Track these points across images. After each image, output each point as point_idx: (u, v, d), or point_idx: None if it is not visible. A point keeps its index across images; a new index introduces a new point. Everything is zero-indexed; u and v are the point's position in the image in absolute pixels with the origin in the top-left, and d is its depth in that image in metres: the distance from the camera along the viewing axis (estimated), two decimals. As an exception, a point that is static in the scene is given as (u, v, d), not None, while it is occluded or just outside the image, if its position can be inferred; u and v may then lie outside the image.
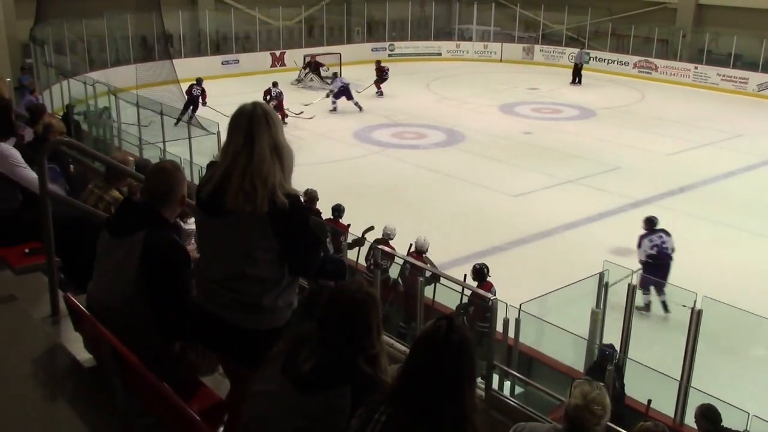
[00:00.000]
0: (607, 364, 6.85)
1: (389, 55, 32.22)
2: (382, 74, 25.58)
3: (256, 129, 2.85)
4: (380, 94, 25.47)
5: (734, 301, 8.68)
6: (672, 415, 7.41)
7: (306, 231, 2.95)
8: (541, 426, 3.49)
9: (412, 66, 31.18)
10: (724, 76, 28.26)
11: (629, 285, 7.85)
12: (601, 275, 8.21)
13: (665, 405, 7.54)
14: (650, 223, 10.97)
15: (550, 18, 34.04)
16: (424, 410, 2.24)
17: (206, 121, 16.08)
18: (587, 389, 3.30)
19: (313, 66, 27.14)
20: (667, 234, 10.99)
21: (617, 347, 7.82)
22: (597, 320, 8.03)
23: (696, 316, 7.34)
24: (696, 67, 29.16)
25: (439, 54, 33.06)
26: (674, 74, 29.50)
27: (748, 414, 5.93)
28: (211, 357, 3.40)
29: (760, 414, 6.09)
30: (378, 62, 26.37)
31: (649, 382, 7.63)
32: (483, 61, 33.17)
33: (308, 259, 3.01)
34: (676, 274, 10.44)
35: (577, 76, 28.48)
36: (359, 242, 10.14)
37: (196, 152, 14.59)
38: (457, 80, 28.35)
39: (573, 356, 8.39)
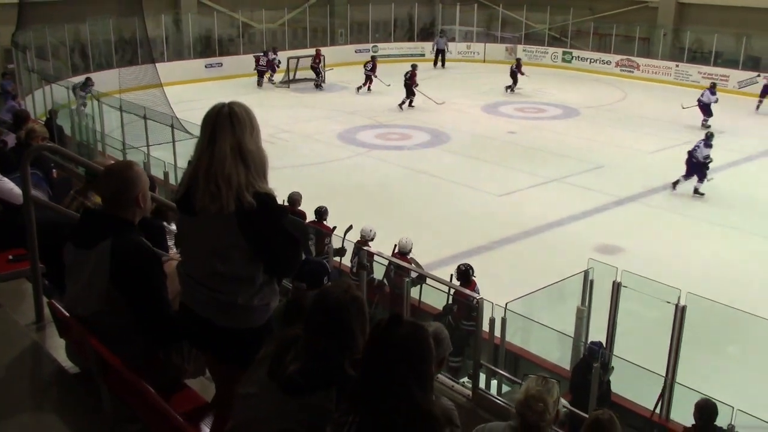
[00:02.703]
0: (593, 361, 6.89)
1: (372, 57, 32.25)
2: (373, 71, 26.25)
3: (219, 129, 2.85)
4: (368, 89, 26.32)
5: (717, 295, 8.76)
6: (658, 411, 7.46)
7: (278, 231, 2.94)
8: (497, 426, 3.54)
9: (396, 67, 31.21)
10: (705, 74, 28.44)
11: (614, 283, 7.90)
12: (586, 273, 8.26)
13: (651, 401, 7.60)
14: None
15: (532, 18, 34.19)
16: (384, 410, 2.26)
17: (189, 124, 16.03)
18: (531, 386, 3.36)
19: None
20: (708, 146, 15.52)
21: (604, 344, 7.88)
22: (582, 318, 8.07)
23: (680, 312, 7.40)
24: (677, 65, 29.39)
25: (423, 55, 33.10)
26: (656, 72, 29.70)
27: (733, 408, 5.98)
28: (197, 360, 3.40)
29: (744, 408, 6.15)
30: (373, 58, 26.92)
31: (635, 379, 7.70)
32: (466, 61, 33.27)
33: (284, 260, 3.02)
34: (659, 270, 10.51)
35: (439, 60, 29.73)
36: (341, 252, 10.16)
37: (180, 155, 14.54)
38: (440, 81, 28.40)
39: (559, 354, 8.43)
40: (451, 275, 8.76)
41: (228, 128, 2.85)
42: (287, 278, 3.62)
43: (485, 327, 6.97)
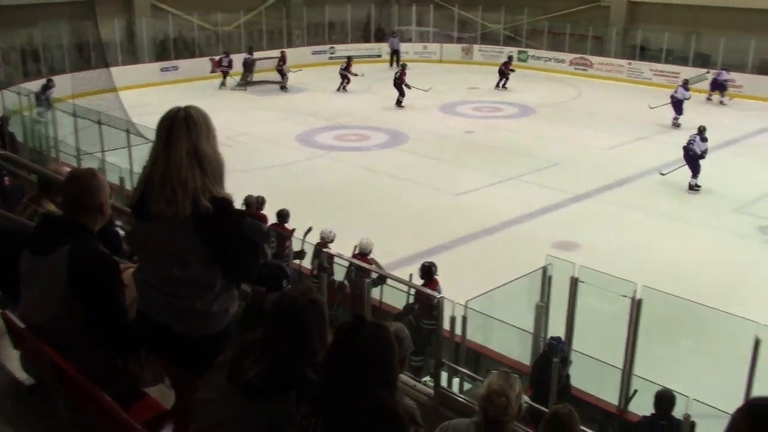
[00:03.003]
0: (552, 356, 6.98)
1: (330, 58, 32.23)
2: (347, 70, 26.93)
3: (175, 134, 2.84)
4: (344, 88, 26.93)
5: (673, 288, 8.95)
6: (616, 403, 7.59)
7: (236, 235, 2.94)
8: (461, 423, 3.59)
9: (354, 68, 31.24)
10: (656, 71, 29.05)
11: (571, 278, 8.01)
12: (545, 270, 8.36)
13: (610, 393, 7.73)
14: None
15: (487, 18, 34.49)
16: (348, 411, 2.28)
17: (145, 128, 15.84)
18: (493, 381, 3.41)
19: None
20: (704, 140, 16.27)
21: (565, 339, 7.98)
22: (541, 314, 8.18)
23: (636, 306, 7.54)
24: (630, 63, 29.92)
25: (379, 56, 33.19)
26: (609, 70, 30.17)
27: (688, 398, 6.12)
28: (156, 367, 3.38)
29: (699, 397, 6.29)
30: (349, 58, 27.14)
31: (594, 372, 7.83)
32: (423, 61, 33.37)
33: (242, 264, 3.02)
34: (615, 265, 10.68)
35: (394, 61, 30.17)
36: (301, 255, 10.13)
37: (137, 160, 14.36)
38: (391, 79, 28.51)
39: (520, 350, 8.53)
40: (410, 275, 8.79)
41: (184, 132, 2.84)
42: (246, 282, 3.62)
43: (446, 326, 7.03)
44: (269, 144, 19.67)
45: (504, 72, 27.78)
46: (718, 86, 25.79)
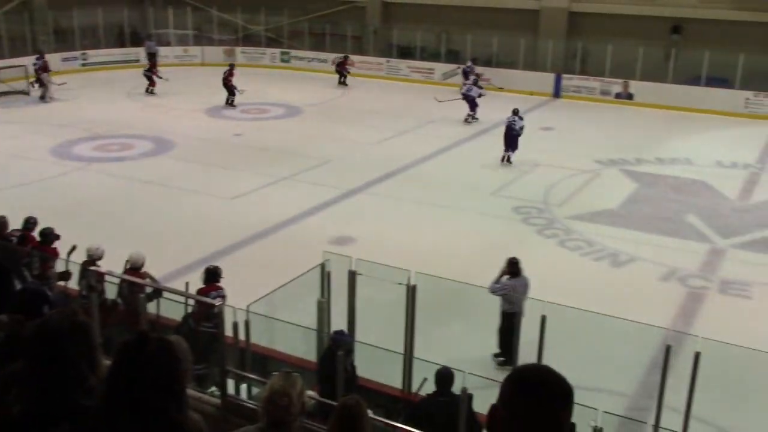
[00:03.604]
0: (337, 349, 7.09)
1: (82, 65, 30.32)
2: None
3: None
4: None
5: (444, 272, 9.49)
6: (400, 387, 7.89)
7: None
8: (246, 430, 3.56)
9: (110, 75, 29.72)
10: (413, 68, 30.63)
11: (349, 272, 8.20)
12: (323, 266, 8.48)
13: (395, 378, 8.03)
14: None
15: (248, 20, 34.30)
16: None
17: None
18: (275, 382, 3.43)
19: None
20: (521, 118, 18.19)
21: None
22: (324, 309, 8.29)
23: (411, 292, 7.88)
24: (388, 61, 31.23)
25: (137, 60, 31.74)
26: (370, 69, 31.28)
27: (464, 372, 6.49)
28: None
29: (475, 370, 6.71)
30: (231, 66, 25.90)
31: (379, 360, 8.08)
32: (184, 65, 32.49)
33: None
34: (382, 255, 11.12)
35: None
36: (65, 276, 9.44)
37: None
38: (159, 86, 27.47)
39: (305, 348, 8.59)
40: (187, 284, 8.50)
41: None
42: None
43: (229, 332, 6.90)
44: (18, 160, 18.07)
45: (340, 70, 28.86)
46: (465, 75, 27.81)
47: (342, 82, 29.14)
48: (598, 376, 9.16)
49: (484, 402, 6.51)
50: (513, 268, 9.40)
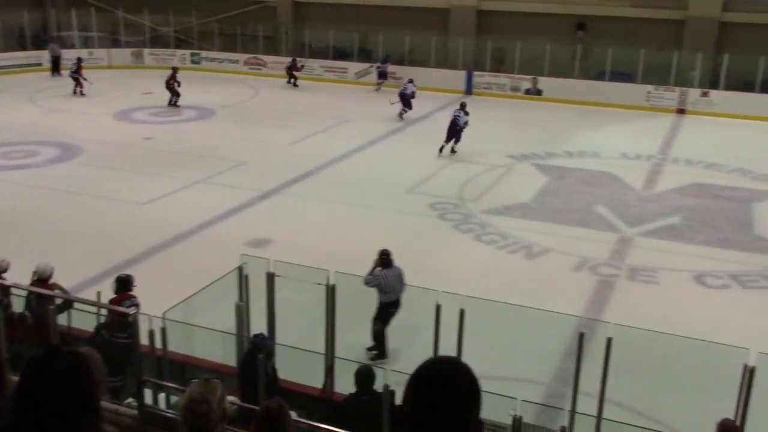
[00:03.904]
0: (257, 353, 7.02)
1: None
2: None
3: None
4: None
5: (363, 270, 9.52)
6: (321, 386, 7.87)
7: None
8: None
9: (11, 79, 28.54)
10: (326, 67, 30.57)
11: (267, 274, 8.12)
12: (240, 269, 8.37)
13: (318, 379, 7.99)
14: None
15: (155, 21, 33.52)
16: None
17: None
18: (193, 389, 3.38)
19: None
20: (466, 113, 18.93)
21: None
22: (242, 313, 8.18)
23: (330, 292, 7.86)
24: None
25: (40, 64, 30.59)
26: (282, 68, 31.02)
27: (386, 369, 6.54)
28: None
29: (397, 368, 6.76)
30: (175, 69, 25.16)
31: (300, 362, 8.03)
32: (90, 68, 31.45)
33: None
34: (301, 256, 11.08)
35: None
36: None
37: None
38: (64, 90, 26.57)
39: (225, 353, 8.46)
40: (99, 293, 8.24)
41: None
42: None
43: (145, 341, 6.73)
44: None
45: (290, 73, 28.70)
46: (384, 76, 28.04)
47: (293, 84, 28.96)
48: (516, 366, 9.38)
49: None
50: (384, 259, 9.63)
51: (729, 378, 6.41)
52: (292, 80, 29.10)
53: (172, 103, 24.60)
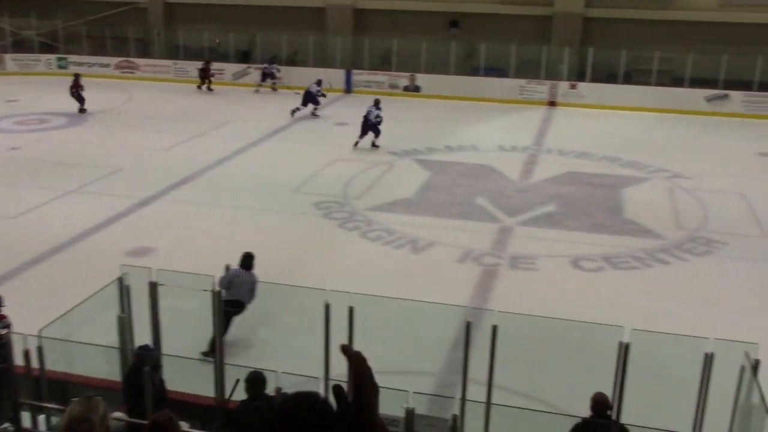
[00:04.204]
0: (142, 365, 6.80)
1: None
2: None
3: None
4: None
5: (271, 275, 9.44)
6: (213, 395, 7.73)
7: None
8: None
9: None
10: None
11: (150, 283, 7.88)
12: (121, 280, 8.09)
13: (209, 387, 7.83)
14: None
15: (17, 24, 31.77)
16: None
17: None
18: (74, 408, 3.27)
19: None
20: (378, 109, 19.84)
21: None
22: (125, 325, 7.91)
23: (216, 298, 7.72)
24: (175, 63, 30.27)
25: None
26: (156, 71, 30.17)
27: (277, 372, 6.47)
28: None
29: (289, 369, 6.71)
30: (77, 75, 24.02)
31: (188, 371, 7.85)
32: (-54, 75, 29.63)
33: None
34: (185, 263, 10.84)
35: None
36: None
37: None
38: None
39: (109, 368, 8.15)
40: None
41: None
42: None
43: (20, 361, 6.40)
44: None
45: (203, 75, 27.72)
46: (268, 76, 27.82)
47: (208, 88, 27.88)
48: (406, 358, 9.53)
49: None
50: (245, 260, 9.84)
51: (607, 355, 6.74)
52: (206, 84, 27.99)
53: (81, 111, 23.63)
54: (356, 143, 19.78)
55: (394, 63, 28.55)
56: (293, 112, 23.36)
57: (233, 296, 9.41)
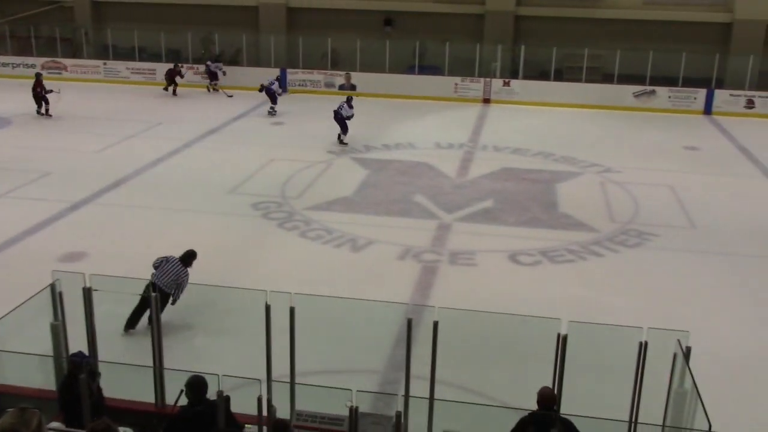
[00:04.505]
0: (78, 373, 6.62)
1: None
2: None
3: None
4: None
5: (199, 277, 9.26)
6: (153, 401, 7.59)
7: None
8: None
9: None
10: (133, 69, 29.27)
11: (84, 289, 7.67)
12: (53, 286, 7.85)
13: (148, 393, 7.67)
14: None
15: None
16: None
17: None
18: (6, 421, 3.19)
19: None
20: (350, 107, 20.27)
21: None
22: (58, 333, 7.68)
23: (154, 301, 7.57)
24: (105, 63, 29.54)
25: None
26: (85, 72, 29.40)
27: (218, 375, 6.38)
28: None
29: (231, 372, 6.61)
30: (38, 75, 23.21)
31: (127, 378, 7.68)
32: None
33: None
34: (121, 267, 10.62)
35: None
36: None
37: None
38: None
39: (43, 377, 7.92)
40: None
41: None
42: None
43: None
44: None
45: (171, 77, 26.93)
46: (214, 77, 27.47)
47: (172, 92, 26.93)
48: (349, 357, 9.52)
49: (242, 400, 6.48)
50: (184, 255, 9.98)
51: (546, 348, 6.86)
52: (172, 87, 26.98)
53: (43, 112, 22.91)
54: (341, 139, 20.31)
55: (329, 62, 28.48)
56: (270, 112, 23.47)
57: (157, 280, 9.42)
